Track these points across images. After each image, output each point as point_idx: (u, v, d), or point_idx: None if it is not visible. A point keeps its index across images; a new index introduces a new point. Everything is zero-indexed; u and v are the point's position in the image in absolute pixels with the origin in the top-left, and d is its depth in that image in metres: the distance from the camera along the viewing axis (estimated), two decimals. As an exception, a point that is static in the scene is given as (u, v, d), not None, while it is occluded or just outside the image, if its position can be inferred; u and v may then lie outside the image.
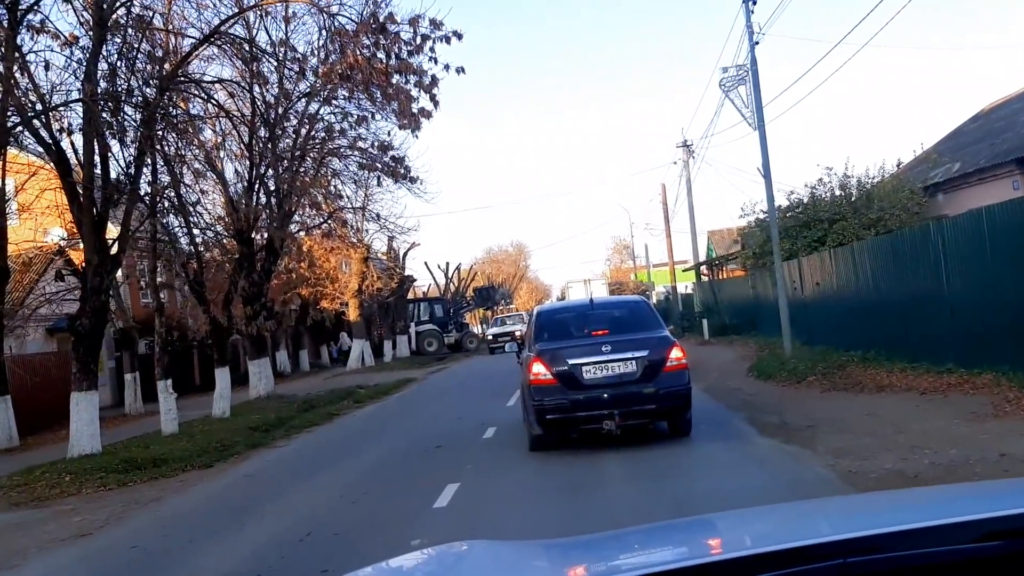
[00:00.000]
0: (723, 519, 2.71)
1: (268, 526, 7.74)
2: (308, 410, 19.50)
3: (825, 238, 22.04)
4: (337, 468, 10.65)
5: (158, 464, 12.83)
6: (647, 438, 10.31)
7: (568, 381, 9.63)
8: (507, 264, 79.78)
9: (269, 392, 22.61)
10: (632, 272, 67.62)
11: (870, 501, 3.20)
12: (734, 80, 16.26)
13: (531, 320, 11.70)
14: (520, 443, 10.66)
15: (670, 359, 9.79)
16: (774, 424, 10.23)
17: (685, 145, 36.98)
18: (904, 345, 13.64)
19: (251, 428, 16.68)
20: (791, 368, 14.90)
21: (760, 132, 16.01)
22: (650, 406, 9.66)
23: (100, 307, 14.73)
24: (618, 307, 12.02)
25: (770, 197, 16.54)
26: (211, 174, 21.29)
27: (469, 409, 15.75)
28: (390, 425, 15.15)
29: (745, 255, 26.19)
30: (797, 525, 2.22)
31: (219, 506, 9.08)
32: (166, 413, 17.10)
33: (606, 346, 9.81)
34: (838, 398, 11.73)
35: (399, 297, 39.84)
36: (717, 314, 30.85)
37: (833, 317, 17.67)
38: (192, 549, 7.27)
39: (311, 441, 14.31)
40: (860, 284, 15.88)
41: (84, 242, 14.69)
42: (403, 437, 12.98)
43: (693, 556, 1.85)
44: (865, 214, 21.72)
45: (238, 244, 21.19)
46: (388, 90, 15.78)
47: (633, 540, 2.30)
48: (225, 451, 13.61)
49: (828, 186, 23.86)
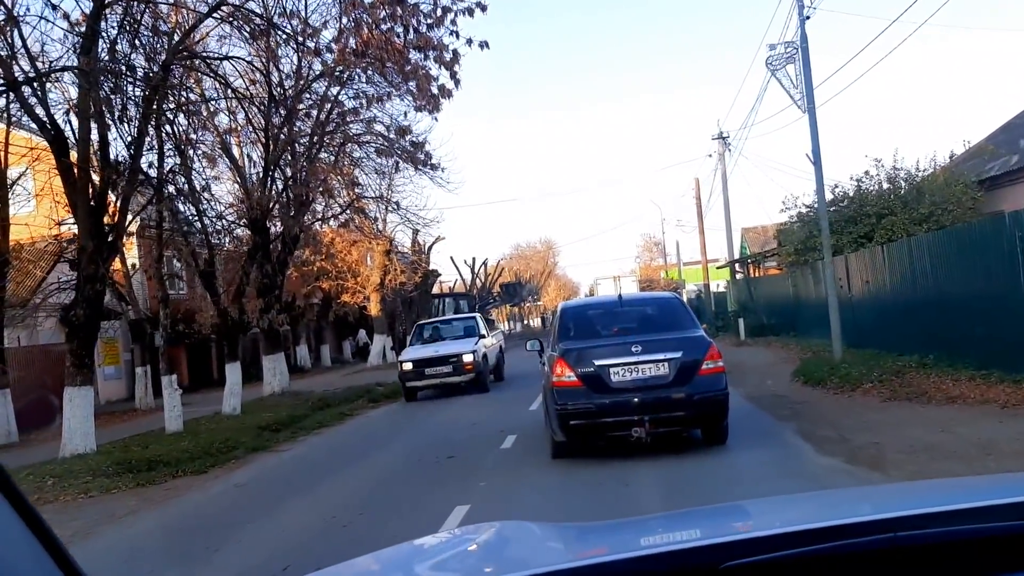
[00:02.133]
0: (770, 503, 2.84)
1: (242, 553, 6.63)
2: (322, 409, 18.59)
3: (872, 234, 20.81)
4: (337, 480, 9.53)
5: (152, 467, 11.92)
6: (684, 449, 9.20)
7: (594, 384, 8.85)
8: (535, 261, 78.69)
9: (284, 388, 21.72)
10: (663, 270, 66.27)
11: (919, 486, 3.40)
12: (782, 59, 14.89)
13: (555, 317, 10.71)
14: (542, 456, 9.50)
15: (706, 362, 8.95)
16: (833, 440, 8.94)
17: (721, 137, 35.55)
18: (970, 350, 12.26)
19: (260, 427, 15.78)
20: (843, 373, 13.55)
21: (810, 115, 14.64)
22: (683, 412, 8.85)
23: (95, 297, 13.77)
24: (649, 304, 11.13)
25: (820, 186, 15.18)
26: (224, 159, 20.41)
27: (488, 413, 14.61)
28: (402, 429, 14.02)
29: (787, 251, 24.82)
30: (845, 508, 2.23)
31: (196, 525, 7.98)
32: (170, 410, 16.26)
33: (636, 346, 8.97)
34: (902, 410, 10.37)
35: (423, 292, 38.78)
36: (754, 313, 29.57)
37: (885, 318, 16.29)
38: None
39: (317, 445, 13.24)
40: (918, 282, 14.50)
41: (79, 227, 13.75)
42: (414, 444, 11.84)
43: (744, 531, 1.86)
44: (916, 208, 20.49)
45: (252, 233, 20.25)
46: (405, 67, 14.65)
47: (675, 522, 2.33)
48: (225, 454, 12.61)
49: (875, 179, 22.62)
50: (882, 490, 3.86)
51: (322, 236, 28.03)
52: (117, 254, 14.84)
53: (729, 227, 36.70)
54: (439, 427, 13.68)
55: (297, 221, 19.93)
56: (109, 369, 28.25)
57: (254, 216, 19.73)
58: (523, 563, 1.82)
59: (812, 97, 14.58)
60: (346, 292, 33.68)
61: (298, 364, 34.99)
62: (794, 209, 24.39)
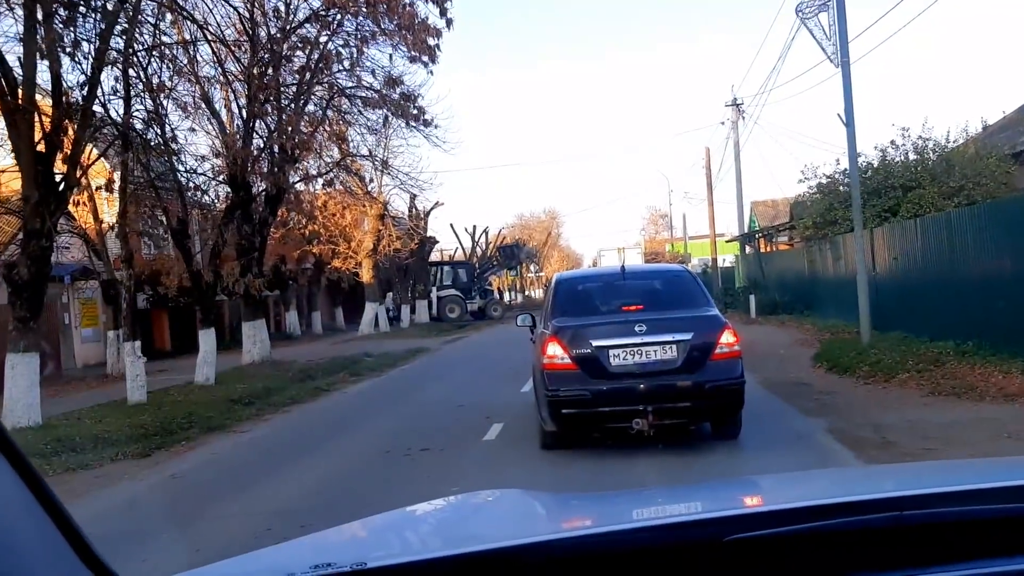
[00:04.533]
0: (775, 479, 2.86)
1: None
2: (302, 381, 17.36)
3: (897, 208, 19.51)
4: (287, 476, 8.12)
5: (96, 446, 10.65)
6: (696, 448, 7.91)
7: (591, 367, 7.71)
8: (539, 231, 77.23)
9: (264, 358, 20.38)
10: (668, 243, 64.80)
11: (927, 466, 3.55)
12: (813, 6, 13.28)
13: (549, 290, 9.34)
14: (530, 450, 8.14)
15: (720, 345, 7.76)
16: (875, 444, 7.51)
17: (735, 104, 33.91)
18: (1021, 338, 10.82)
19: (232, 400, 14.62)
20: (873, 360, 12.08)
21: (843, 69, 13.03)
22: (693, 403, 7.66)
23: (41, 253, 12.34)
24: (656, 277, 9.79)
25: (852, 149, 13.61)
26: (204, 109, 18.88)
27: (476, 392, 13.23)
28: (378, 410, 12.57)
29: (804, 224, 23.36)
30: (851, 485, 2.22)
31: (103, 531, 6.55)
32: (132, 379, 14.99)
33: (640, 325, 7.75)
34: (952, 407, 8.91)
35: (419, 259, 37.31)
36: (764, 290, 28.20)
37: (914, 298, 14.82)
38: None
39: (280, 427, 11.84)
40: (957, 260, 13.01)
41: (22, 175, 12.30)
42: (386, 430, 10.42)
43: (749, 506, 1.85)
44: (945, 182, 19.11)
45: (231, 189, 18.79)
46: (397, 8, 13.12)
47: (680, 495, 2.35)
48: (179, 433, 11.29)
49: (902, 149, 21.19)
50: (890, 469, 3.86)
51: (315, 198, 26.51)
52: (65, 205, 13.33)
53: (740, 198, 35.20)
54: (420, 409, 12.27)
55: (278, 177, 18.38)
56: (87, 331, 27.04)
57: (233, 171, 18.27)
58: (519, 532, 1.82)
59: (846, 49, 12.98)
60: (337, 257, 32.18)
61: (287, 331, 33.67)
62: (813, 180, 23.01)
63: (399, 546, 1.95)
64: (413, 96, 17.22)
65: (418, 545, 1.99)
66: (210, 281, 17.91)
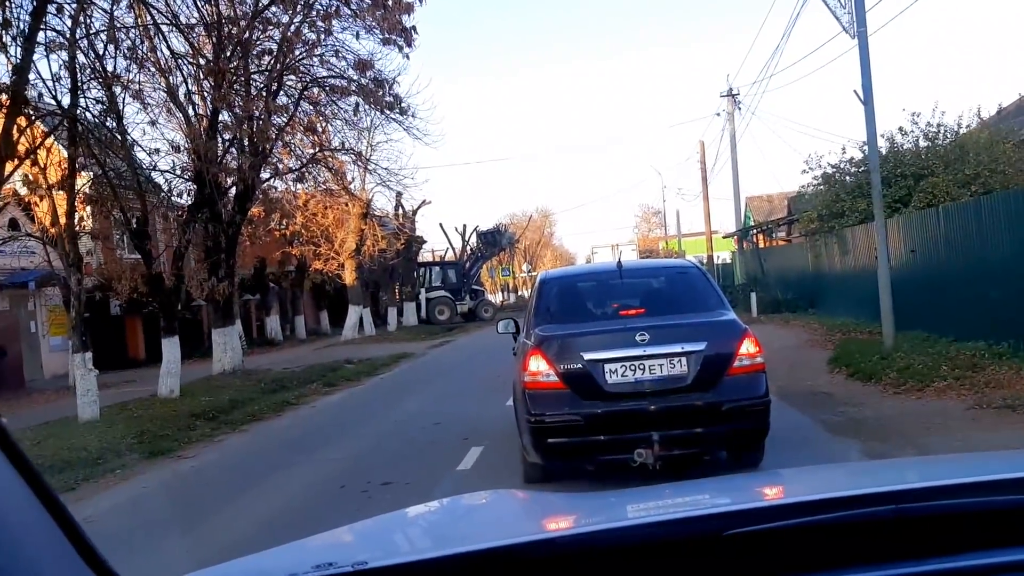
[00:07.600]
0: (774, 476, 2.90)
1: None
2: (273, 391, 16.18)
3: (909, 198, 18.30)
4: (218, 518, 6.76)
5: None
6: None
7: (582, 386, 6.30)
8: (531, 230, 75.98)
9: (236, 367, 19.05)
10: (661, 240, 63.66)
11: (927, 461, 3.65)
12: (827, -29, 12.01)
13: (532, 292, 7.92)
14: (513, 482, 6.82)
15: (739, 356, 6.35)
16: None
17: (731, 94, 32.73)
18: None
19: (193, 415, 13.51)
20: (901, 366, 10.77)
21: (860, 41, 11.73)
22: (707, 428, 6.24)
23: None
24: (659, 275, 8.28)
25: (871, 129, 12.29)
26: (166, 98, 17.52)
27: (457, 405, 11.96)
28: (345, 431, 11.14)
29: (808, 217, 22.11)
30: (851, 479, 2.22)
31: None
32: (83, 395, 13.84)
33: (641, 334, 6.32)
34: (1005, 423, 7.55)
35: (406, 260, 35.95)
36: (765, 287, 27.02)
37: (937, 294, 13.54)
38: None
39: (231, 450, 10.47)
40: (989, 253, 11.72)
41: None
42: (347, 455, 9.04)
43: (748, 501, 1.83)
44: (960, 169, 17.92)
45: (197, 186, 17.45)
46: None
47: (678, 492, 2.30)
48: (114, 460, 9.96)
49: (912, 136, 19.98)
50: (889, 463, 3.85)
51: (295, 196, 25.13)
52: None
53: (737, 192, 34.08)
54: (391, 427, 10.91)
55: (246, 172, 17.01)
56: (55, 340, 25.68)
57: (198, 167, 16.93)
58: (520, 531, 1.81)
59: (863, 18, 11.69)
60: (319, 258, 30.81)
61: (268, 336, 32.29)
62: (818, 170, 21.73)
63: (399, 546, 1.96)
64: (387, 82, 15.85)
65: (419, 545, 1.98)
66: (171, 286, 16.56)
